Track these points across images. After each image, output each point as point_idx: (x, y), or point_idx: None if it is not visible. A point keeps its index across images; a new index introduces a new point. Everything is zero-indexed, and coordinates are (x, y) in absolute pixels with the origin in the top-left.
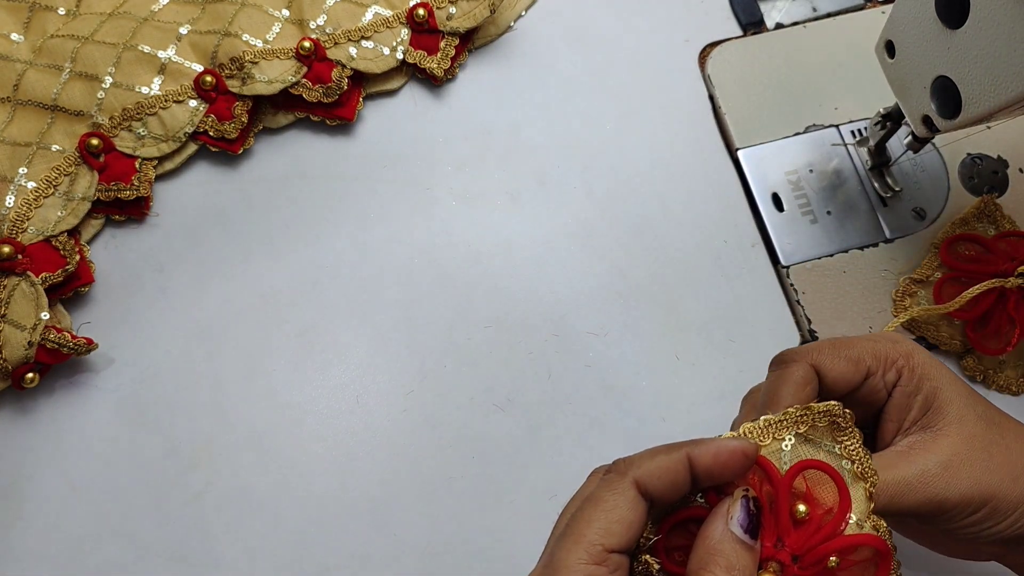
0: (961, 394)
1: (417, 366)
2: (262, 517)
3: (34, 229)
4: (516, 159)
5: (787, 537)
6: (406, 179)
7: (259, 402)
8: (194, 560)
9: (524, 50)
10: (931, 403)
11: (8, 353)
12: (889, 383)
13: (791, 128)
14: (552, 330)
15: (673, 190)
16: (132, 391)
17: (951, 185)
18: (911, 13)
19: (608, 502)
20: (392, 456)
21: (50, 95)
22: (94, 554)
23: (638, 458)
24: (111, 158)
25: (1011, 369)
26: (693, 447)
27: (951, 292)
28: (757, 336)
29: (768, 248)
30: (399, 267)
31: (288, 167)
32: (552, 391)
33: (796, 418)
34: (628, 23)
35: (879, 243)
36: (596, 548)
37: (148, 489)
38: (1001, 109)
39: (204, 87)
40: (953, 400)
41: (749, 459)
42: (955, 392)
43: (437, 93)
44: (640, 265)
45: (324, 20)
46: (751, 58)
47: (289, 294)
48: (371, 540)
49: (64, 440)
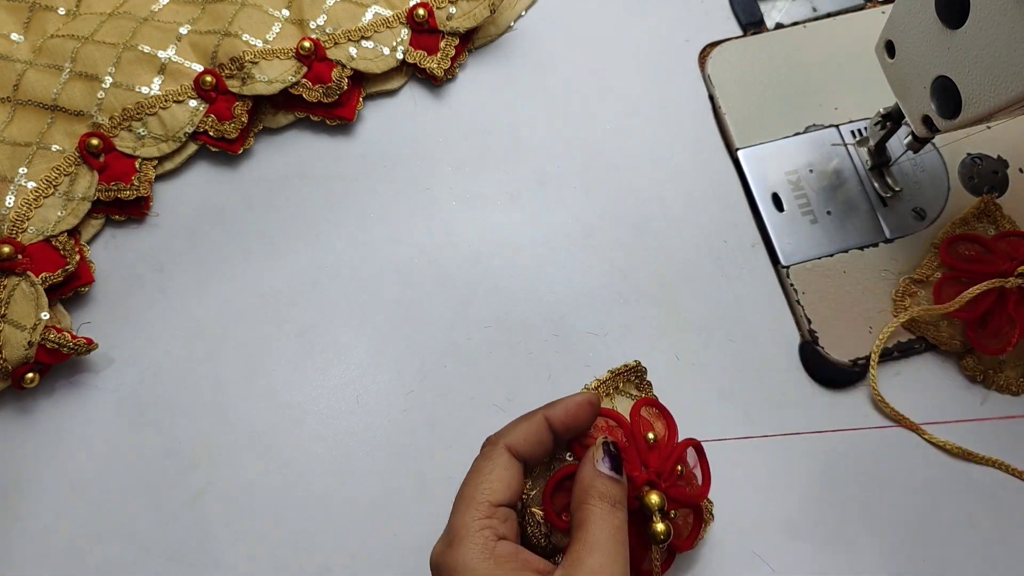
0: None
1: (417, 366)
2: (262, 517)
3: (34, 229)
4: (516, 159)
5: (648, 460)
6: (406, 179)
7: (259, 402)
8: (194, 560)
9: (524, 50)
10: None
11: (8, 353)
12: None
13: (791, 128)
14: (552, 330)
15: (673, 190)
16: (132, 391)
17: (951, 185)
18: (911, 13)
19: (486, 468)
20: (392, 456)
21: (50, 95)
22: (94, 554)
23: (506, 428)
24: (111, 158)
25: (1011, 369)
26: (548, 409)
27: (951, 292)
28: (757, 336)
29: (768, 248)
30: (399, 267)
31: (288, 167)
32: (552, 391)
33: (615, 376)
34: (628, 23)
35: (879, 243)
36: (484, 506)
37: (148, 489)
38: (1001, 109)
39: (204, 87)
40: None
41: (595, 407)
42: None
43: (437, 93)
44: (640, 265)
45: (324, 20)
46: (751, 58)
47: (289, 294)
48: (371, 540)
49: (64, 440)
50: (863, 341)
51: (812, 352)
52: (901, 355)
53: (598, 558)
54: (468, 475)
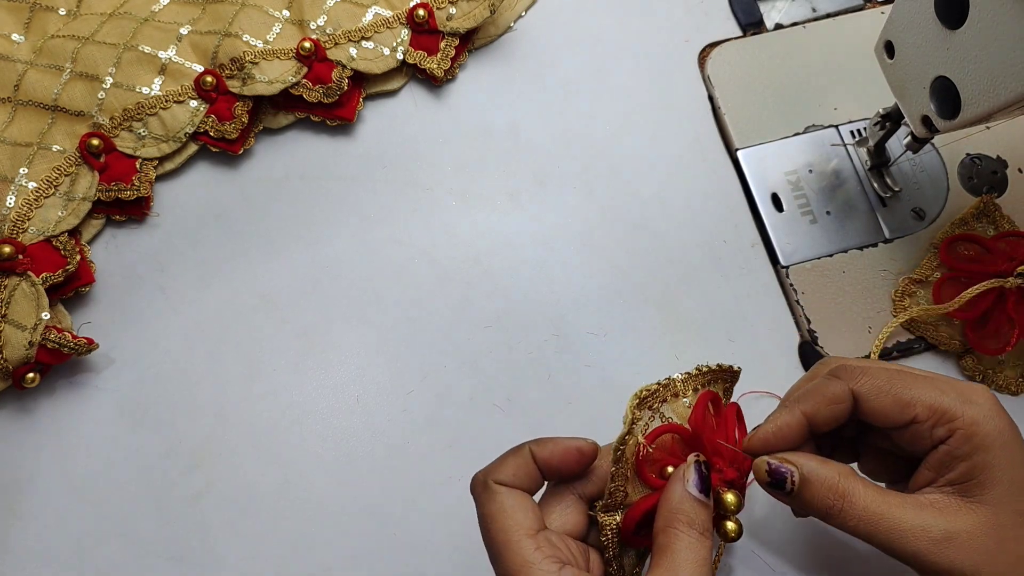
0: (1013, 478)
1: (417, 366)
2: (262, 517)
3: (35, 229)
4: (516, 159)
5: (725, 461)
6: (406, 179)
7: (259, 402)
8: (194, 560)
9: (524, 50)
10: (976, 475)
11: (9, 353)
12: (936, 438)
13: (791, 128)
14: (552, 330)
15: (673, 190)
16: (132, 391)
17: (950, 185)
18: (910, 13)
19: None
20: (392, 456)
21: (51, 95)
22: (94, 554)
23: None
24: (112, 158)
25: (1010, 369)
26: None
27: (950, 292)
28: (757, 336)
29: (768, 248)
30: (399, 267)
31: (288, 167)
32: (552, 391)
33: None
34: (628, 23)
35: (878, 243)
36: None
37: (148, 489)
38: (1000, 109)
39: (204, 87)
40: (1001, 481)
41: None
42: (1007, 474)
43: (437, 93)
44: (640, 265)
45: (324, 20)
46: (751, 58)
47: (289, 294)
48: (371, 540)
49: (64, 440)
50: (862, 341)
51: (812, 352)
52: (900, 355)
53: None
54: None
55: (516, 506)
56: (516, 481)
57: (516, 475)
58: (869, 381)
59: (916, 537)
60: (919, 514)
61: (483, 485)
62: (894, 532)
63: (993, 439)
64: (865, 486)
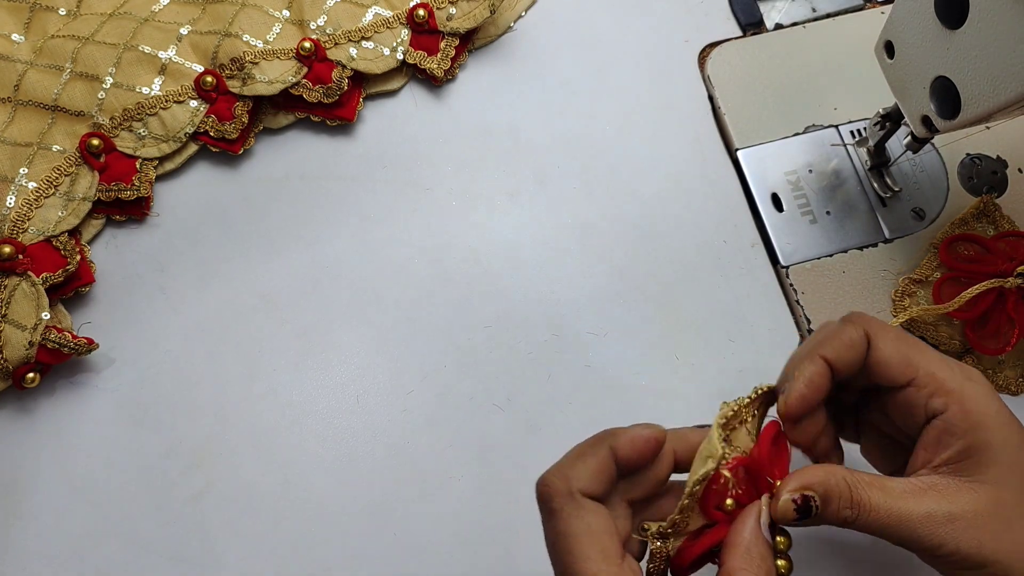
0: (1013, 459)
1: (417, 366)
2: (262, 517)
3: (35, 229)
4: (516, 159)
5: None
6: (406, 179)
7: (259, 402)
8: (194, 560)
9: (524, 50)
10: (974, 454)
11: (9, 353)
12: (932, 409)
13: (790, 128)
14: (552, 330)
15: (673, 190)
16: (132, 391)
17: (950, 185)
18: (910, 13)
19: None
20: (392, 456)
21: (51, 95)
22: (94, 554)
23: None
24: (112, 158)
25: (1010, 369)
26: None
27: (950, 292)
28: (757, 336)
29: (767, 248)
30: (399, 267)
31: (288, 167)
32: (552, 391)
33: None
34: (628, 23)
35: (878, 243)
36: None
37: (148, 489)
38: (1000, 109)
39: (205, 87)
40: (1000, 460)
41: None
42: (1006, 454)
43: (437, 93)
44: (640, 265)
45: (324, 21)
46: (750, 58)
47: (289, 294)
48: (371, 540)
49: (64, 440)
50: None
51: None
52: None
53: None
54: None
55: (603, 530)
56: (598, 487)
57: (599, 479)
58: (883, 328)
59: (923, 525)
60: (921, 501)
61: (567, 496)
62: (904, 526)
63: (992, 418)
64: (870, 486)
